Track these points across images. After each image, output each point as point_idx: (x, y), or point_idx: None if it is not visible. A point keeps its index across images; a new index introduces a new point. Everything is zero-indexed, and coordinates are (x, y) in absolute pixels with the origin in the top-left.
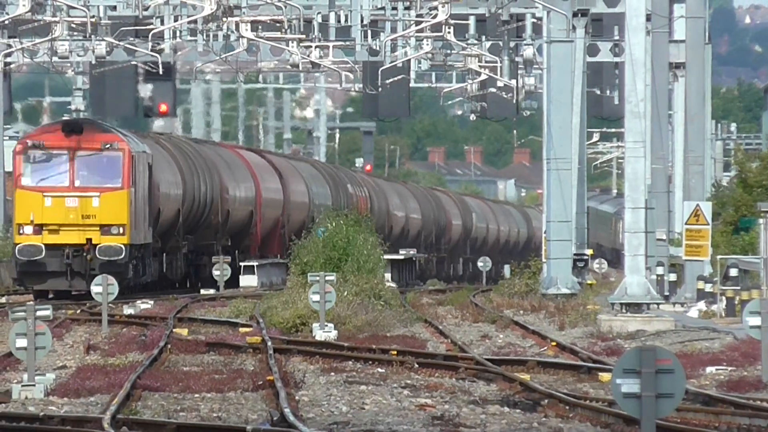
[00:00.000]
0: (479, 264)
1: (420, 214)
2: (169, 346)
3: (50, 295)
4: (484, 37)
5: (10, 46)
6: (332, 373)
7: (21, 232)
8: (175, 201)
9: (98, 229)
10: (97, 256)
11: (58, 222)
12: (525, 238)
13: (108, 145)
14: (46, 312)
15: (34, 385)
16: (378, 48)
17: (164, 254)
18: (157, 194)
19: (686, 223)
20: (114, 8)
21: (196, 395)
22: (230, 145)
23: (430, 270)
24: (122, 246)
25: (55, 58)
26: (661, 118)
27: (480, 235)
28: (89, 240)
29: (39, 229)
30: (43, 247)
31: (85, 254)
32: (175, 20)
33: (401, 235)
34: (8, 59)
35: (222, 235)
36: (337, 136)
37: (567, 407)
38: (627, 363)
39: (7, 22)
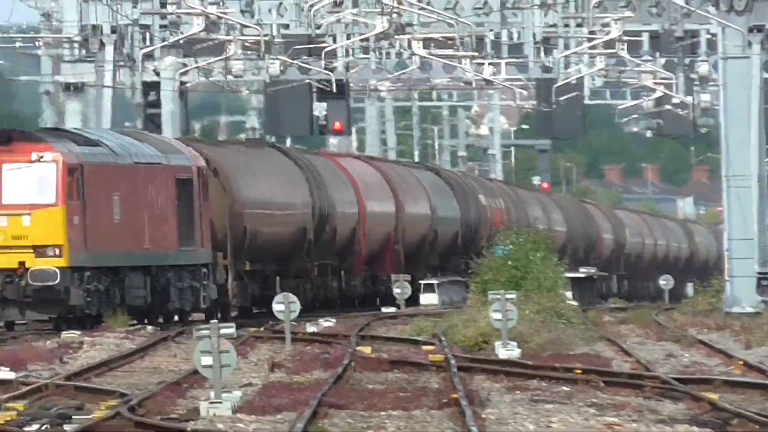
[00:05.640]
0: (661, 282)
1: (565, 226)
2: (352, 363)
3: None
4: (658, 54)
5: (185, 65)
6: (517, 392)
7: None
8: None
9: (32, 251)
10: (30, 281)
11: None
12: (687, 255)
13: (40, 157)
14: (229, 330)
15: (221, 403)
16: (551, 65)
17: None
18: (240, 212)
19: None
20: (286, 27)
21: (382, 413)
22: (329, 153)
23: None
24: (56, 270)
25: (229, 77)
26: None
27: (634, 250)
28: (22, 263)
29: None
30: None
31: (18, 279)
32: (348, 38)
33: None
34: (184, 78)
35: (330, 253)
36: (513, 153)
37: (757, 426)
38: None
39: (181, 41)
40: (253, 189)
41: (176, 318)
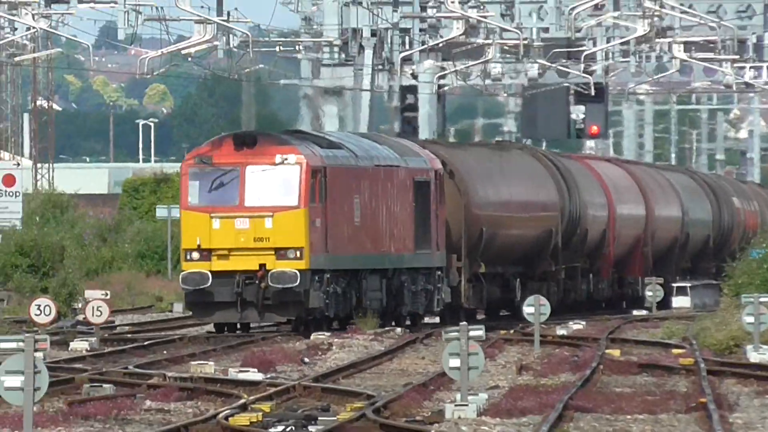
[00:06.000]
0: None
1: None
2: (600, 366)
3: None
4: None
5: (443, 68)
6: (766, 396)
7: (188, 258)
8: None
9: (273, 253)
10: (270, 283)
11: (228, 246)
12: None
13: (284, 159)
14: (479, 332)
15: (466, 405)
16: None
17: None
18: (477, 214)
19: None
20: (546, 30)
21: (628, 416)
22: (579, 156)
23: None
24: (296, 272)
25: (487, 81)
26: None
27: None
28: (263, 266)
29: (207, 254)
30: (209, 274)
31: (257, 282)
32: (608, 42)
33: None
34: (442, 81)
35: (579, 256)
36: None
37: None
38: None
39: (441, 44)
40: (492, 191)
41: (408, 321)
